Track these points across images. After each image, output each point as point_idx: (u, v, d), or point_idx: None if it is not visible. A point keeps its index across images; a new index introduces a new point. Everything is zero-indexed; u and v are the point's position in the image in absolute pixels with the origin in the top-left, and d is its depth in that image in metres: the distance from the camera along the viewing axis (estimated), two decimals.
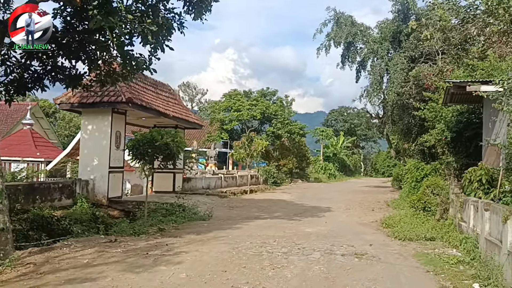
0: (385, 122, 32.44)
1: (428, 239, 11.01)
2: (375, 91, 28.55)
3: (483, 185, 11.45)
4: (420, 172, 19.58)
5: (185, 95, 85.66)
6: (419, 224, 12.70)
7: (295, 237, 11.36)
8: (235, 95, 43.59)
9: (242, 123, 42.91)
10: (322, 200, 23.43)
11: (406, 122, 27.25)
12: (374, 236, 11.87)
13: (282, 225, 13.56)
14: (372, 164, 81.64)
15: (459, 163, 18.01)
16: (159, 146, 12.83)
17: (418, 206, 14.30)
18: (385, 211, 17.82)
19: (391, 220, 13.83)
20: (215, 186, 28.12)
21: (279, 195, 25.88)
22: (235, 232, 12.06)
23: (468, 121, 17.88)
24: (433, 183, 14.81)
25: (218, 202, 20.14)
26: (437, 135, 18.60)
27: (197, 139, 45.04)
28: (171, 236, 11.24)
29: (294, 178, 44.20)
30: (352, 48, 31.12)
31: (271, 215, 16.37)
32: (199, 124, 23.09)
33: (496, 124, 13.82)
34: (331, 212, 17.91)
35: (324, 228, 13.10)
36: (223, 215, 16.04)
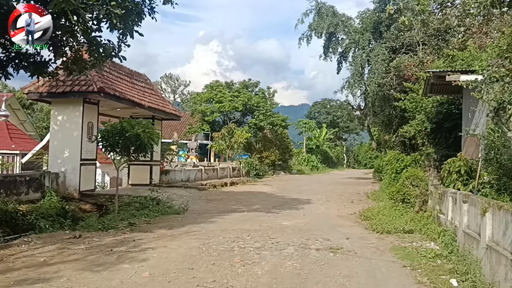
0: (366, 113, 32.28)
1: (406, 232, 10.74)
2: (356, 82, 28.28)
3: (462, 176, 11.23)
4: (400, 163, 19.38)
5: (168, 86, 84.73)
6: (398, 216, 12.44)
7: (270, 231, 10.98)
8: (216, 86, 42.96)
9: (224, 114, 42.35)
10: (302, 192, 23.14)
11: (387, 113, 27.07)
12: (352, 229, 11.56)
13: (259, 218, 13.18)
14: (354, 156, 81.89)
15: (439, 154, 17.88)
16: (129, 137, 12.28)
17: (397, 198, 14.04)
18: (365, 203, 17.56)
19: (370, 212, 13.55)
20: (195, 179, 27.63)
21: (260, 188, 25.52)
22: (209, 226, 11.63)
23: (448, 112, 17.73)
24: (413, 174, 14.56)
25: (196, 195, 19.68)
26: (417, 126, 18.41)
27: (178, 131, 44.38)
28: (141, 231, 10.76)
29: (276, 170, 43.92)
30: (333, 39, 30.76)
31: (249, 208, 15.98)
32: (176, 115, 22.52)
33: (475, 114, 13.63)
34: (310, 204, 17.59)
35: (301, 221, 12.76)
36: (200, 208, 15.60)
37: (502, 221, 6.33)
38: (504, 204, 6.43)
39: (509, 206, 6.26)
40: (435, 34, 23.39)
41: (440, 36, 23.33)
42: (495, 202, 6.74)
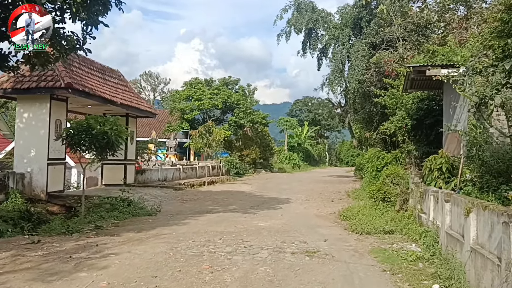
0: (347, 111, 31.98)
1: (386, 232, 10.31)
2: (336, 79, 27.88)
3: (444, 174, 10.85)
4: (380, 161, 19.04)
5: (147, 84, 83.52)
6: (378, 216, 12.02)
7: (245, 233, 10.43)
8: (196, 84, 42.19)
9: (203, 112, 41.61)
10: (282, 191, 22.66)
11: (368, 110, 26.79)
12: (330, 230, 11.08)
13: (235, 219, 12.62)
14: (336, 153, 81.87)
15: (420, 151, 17.57)
16: (96, 134, 11.58)
17: (378, 197, 13.65)
18: (345, 202, 17.15)
19: (349, 211, 13.10)
20: (173, 178, 26.93)
21: (239, 187, 24.95)
22: (181, 228, 11.02)
23: (429, 108, 17.43)
24: (393, 172, 14.18)
25: (172, 195, 19.02)
26: (398, 122, 18.07)
27: (156, 129, 43.51)
28: (107, 235, 10.10)
29: (257, 169, 43.43)
30: (313, 35, 30.32)
31: (226, 208, 15.40)
32: (152, 112, 21.80)
33: (457, 110, 13.29)
34: (290, 203, 17.10)
35: (278, 222, 12.24)
36: (174, 209, 14.96)
37: (487, 222, 5.89)
38: (489, 204, 6.00)
39: (495, 206, 5.82)
40: (415, 29, 23.12)
41: (420, 31, 23.07)
42: (479, 201, 6.31)
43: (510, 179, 9.69)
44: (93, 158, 12.97)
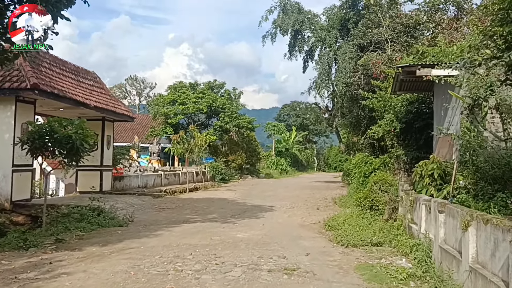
0: (334, 115, 31.26)
1: (374, 245, 9.47)
2: (323, 82, 27.14)
3: (435, 180, 10.05)
4: (368, 166, 18.26)
5: (133, 89, 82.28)
6: (365, 225, 11.18)
7: (220, 246, 9.52)
8: (180, 88, 41.16)
9: (188, 117, 40.60)
10: (267, 198, 21.77)
11: (356, 114, 26.07)
12: (314, 242, 10.21)
13: (212, 230, 11.69)
14: (324, 158, 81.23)
15: (409, 156, 16.85)
16: (59, 139, 10.60)
17: (365, 205, 12.83)
18: (331, 209, 16.32)
19: (335, 221, 12.25)
20: (154, 185, 25.93)
21: (222, 193, 24.00)
22: (152, 241, 10.07)
23: (418, 111, 16.74)
24: (381, 178, 13.39)
25: (149, 203, 18.02)
26: (386, 126, 17.33)
27: (140, 134, 42.44)
28: (67, 249, 9.12)
29: (244, 174, 42.50)
30: (299, 37, 29.58)
31: (204, 217, 14.47)
32: (129, 116, 20.78)
33: (449, 112, 12.54)
34: (273, 211, 16.22)
35: (259, 233, 11.34)
36: (148, 219, 13.99)
37: (489, 238, 5.07)
38: (492, 218, 5.17)
39: (499, 220, 5.00)
40: (404, 30, 22.50)
41: (409, 32, 22.46)
42: (479, 214, 5.49)
43: (506, 186, 8.95)
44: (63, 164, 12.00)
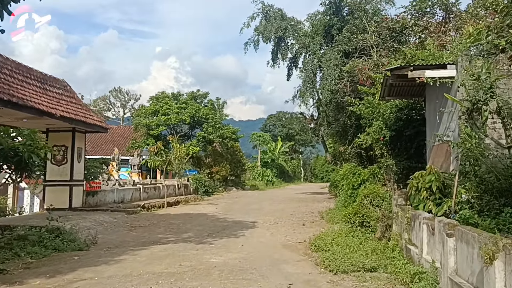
0: (320, 124, 30.18)
1: (368, 270, 8.21)
2: (308, 90, 26.06)
3: (434, 194, 8.92)
4: (357, 178, 17.09)
5: (117, 101, 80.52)
6: (356, 245, 9.93)
7: (189, 275, 8.19)
8: (162, 98, 39.79)
9: (170, 128, 39.20)
10: (250, 212, 20.45)
11: (342, 123, 25.00)
12: (298, 267, 8.92)
13: (184, 254, 10.33)
14: (311, 169, 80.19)
15: (400, 166, 15.75)
16: (4, 151, 9.21)
17: (355, 221, 11.61)
18: (318, 225, 15.06)
19: (322, 240, 10.96)
20: (132, 199, 24.46)
21: (203, 208, 22.59)
22: (110, 269, 8.69)
23: (409, 118, 15.70)
24: (372, 191, 12.23)
25: (121, 220, 16.58)
26: (375, 134, 16.23)
27: (121, 146, 40.83)
28: (6, 283, 7.70)
29: (228, 186, 41.13)
30: (282, 44, 28.53)
31: (178, 237, 13.10)
32: (102, 127, 19.36)
33: (444, 118, 11.42)
34: (255, 228, 14.91)
35: (236, 256, 10.02)
36: (115, 239, 12.57)
37: None
38: None
39: None
40: (390, 35, 21.57)
41: (395, 37, 21.53)
42: (508, 243, 4.27)
43: None
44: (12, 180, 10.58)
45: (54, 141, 18.03)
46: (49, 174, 18.23)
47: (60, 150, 18.21)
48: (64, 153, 18.21)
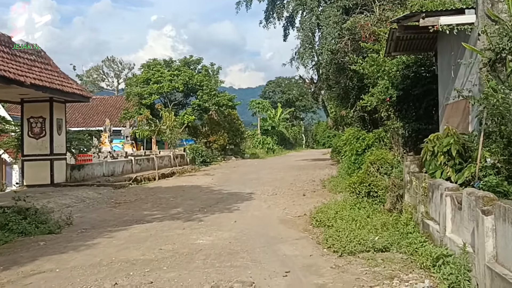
0: (320, 87, 28.61)
1: (378, 250, 6.96)
2: (307, 51, 24.38)
3: (453, 158, 7.58)
4: (361, 142, 15.72)
5: (110, 70, 78.37)
6: (363, 219, 8.65)
7: (168, 262, 6.94)
8: (154, 65, 38.01)
9: (163, 96, 37.65)
10: (248, 182, 19.24)
11: (343, 85, 23.40)
12: (297, 248, 7.67)
13: (167, 234, 9.09)
14: (313, 135, 78.83)
15: (408, 129, 14.39)
16: None
17: (361, 191, 10.31)
18: (320, 195, 13.82)
19: (325, 213, 9.69)
20: (123, 172, 23.27)
21: (197, 179, 21.35)
22: (77, 257, 7.44)
23: (417, 75, 14.22)
24: (379, 157, 10.90)
25: (106, 196, 15.36)
26: (380, 94, 14.74)
27: (113, 117, 39.38)
28: None
29: (227, 155, 39.95)
30: (278, 2, 26.63)
31: (166, 213, 11.87)
32: (83, 95, 17.85)
33: (460, 72, 9.95)
34: (251, 200, 13.69)
35: (227, 235, 8.77)
36: (94, 219, 11.34)
37: None
38: None
39: None
40: None
41: None
42: None
43: None
44: None
45: (30, 113, 16.70)
46: (27, 148, 16.93)
47: (38, 122, 16.84)
48: (42, 125, 16.83)
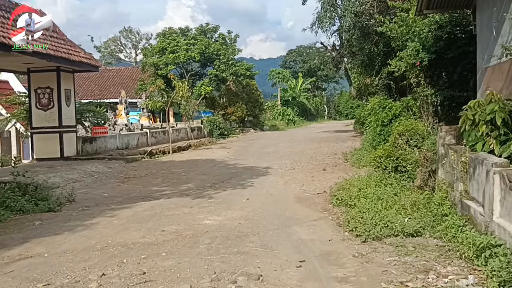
0: (342, 54, 27.15)
1: (409, 235, 6.03)
2: (328, 13, 22.87)
3: (497, 128, 6.50)
4: (387, 112, 14.54)
5: (128, 41, 77.45)
6: (390, 198, 7.67)
7: (169, 245, 6.15)
8: (170, 34, 36.90)
9: (180, 66, 36.68)
10: (265, 155, 18.36)
11: (368, 51, 21.97)
12: (315, 230, 6.78)
13: (173, 213, 8.31)
14: (335, 106, 76.96)
15: (440, 97, 13.16)
16: None
17: (387, 166, 9.28)
18: (341, 170, 12.83)
19: (347, 191, 8.75)
20: (138, 145, 22.65)
21: (212, 153, 20.55)
22: (71, 240, 6.72)
23: (451, 36, 12.86)
24: (409, 128, 9.79)
25: (117, 170, 14.69)
26: (409, 58, 13.46)
27: (129, 89, 38.74)
28: None
29: (246, 127, 38.98)
30: None
31: (175, 189, 11.11)
32: (91, 64, 16.99)
33: (504, 29, 8.71)
34: (267, 176, 12.81)
35: (236, 215, 7.94)
36: (99, 195, 10.64)
37: None
38: None
39: None
40: None
41: None
42: None
43: None
44: None
45: (37, 83, 16.01)
46: (35, 120, 16.32)
47: (45, 93, 16.15)
48: (50, 96, 16.14)
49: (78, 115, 17.75)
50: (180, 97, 22.07)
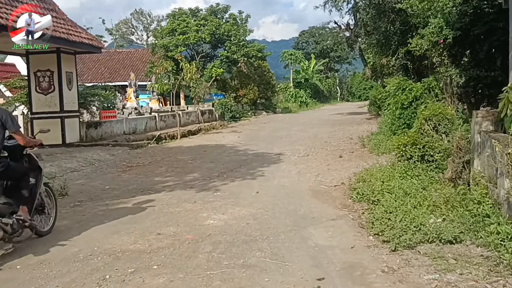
0: (357, 33, 25.86)
1: (446, 241, 5.09)
2: None
3: None
4: (407, 94, 13.45)
5: (139, 23, 76.39)
6: (418, 193, 6.72)
7: (162, 256, 5.28)
8: (179, 15, 35.86)
9: (190, 48, 35.66)
10: (277, 140, 17.45)
11: (384, 30, 20.74)
12: (333, 234, 5.86)
13: (173, 209, 7.45)
14: (348, 87, 75.36)
15: (466, 77, 12.07)
16: None
17: (413, 155, 8.28)
18: (359, 157, 11.87)
19: (368, 184, 7.81)
20: (146, 129, 21.92)
21: (223, 137, 19.67)
22: (53, 245, 5.92)
23: (478, 11, 11.75)
24: (437, 112, 8.72)
25: (119, 158, 13.89)
26: (432, 35, 12.35)
27: (139, 71, 37.87)
28: None
29: (258, 110, 38.06)
30: None
31: (180, 179, 10.27)
32: (93, 45, 16.09)
33: None
34: (279, 164, 11.90)
35: (244, 213, 7.05)
36: (96, 187, 9.83)
37: None
38: None
39: None
40: None
41: None
42: None
43: None
44: None
45: (37, 66, 15.22)
46: (35, 105, 15.56)
47: (45, 76, 15.35)
48: (50, 79, 15.34)
49: (81, 99, 16.96)
50: (189, 79, 21.12)
